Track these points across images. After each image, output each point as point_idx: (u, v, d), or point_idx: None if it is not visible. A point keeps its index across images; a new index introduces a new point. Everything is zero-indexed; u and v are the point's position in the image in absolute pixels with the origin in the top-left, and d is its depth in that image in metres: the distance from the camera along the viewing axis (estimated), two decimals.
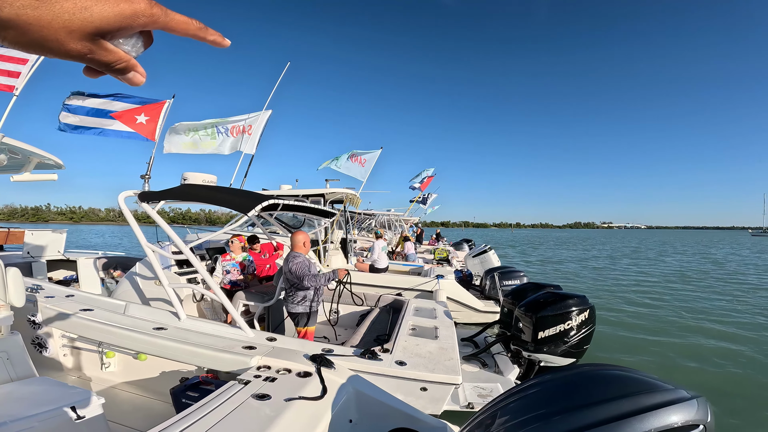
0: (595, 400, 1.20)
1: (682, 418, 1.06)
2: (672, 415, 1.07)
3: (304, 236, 4.26)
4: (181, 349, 2.84)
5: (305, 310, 4.07)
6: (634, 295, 11.77)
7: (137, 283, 4.56)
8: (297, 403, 1.97)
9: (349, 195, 9.35)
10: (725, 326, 8.23)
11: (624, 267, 20.26)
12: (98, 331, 3.17)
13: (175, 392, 2.50)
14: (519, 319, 3.94)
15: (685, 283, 14.52)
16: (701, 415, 1.08)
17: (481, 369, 4.43)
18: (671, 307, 10.16)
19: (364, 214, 22.77)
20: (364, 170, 12.25)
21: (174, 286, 3.68)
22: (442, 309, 4.87)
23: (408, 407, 2.38)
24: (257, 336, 3.24)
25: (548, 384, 1.42)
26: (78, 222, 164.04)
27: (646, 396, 1.14)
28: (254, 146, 9.43)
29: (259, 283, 6.07)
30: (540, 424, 1.25)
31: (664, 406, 1.09)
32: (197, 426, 1.65)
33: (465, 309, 7.15)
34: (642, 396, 1.14)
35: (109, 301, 3.78)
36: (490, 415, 1.49)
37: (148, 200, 3.70)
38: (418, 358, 3.10)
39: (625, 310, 9.60)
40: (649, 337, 7.38)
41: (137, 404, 3.12)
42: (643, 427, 1.06)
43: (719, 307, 10.20)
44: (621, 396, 1.16)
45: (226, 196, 3.71)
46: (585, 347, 3.75)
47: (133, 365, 3.31)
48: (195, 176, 5.54)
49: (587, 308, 3.69)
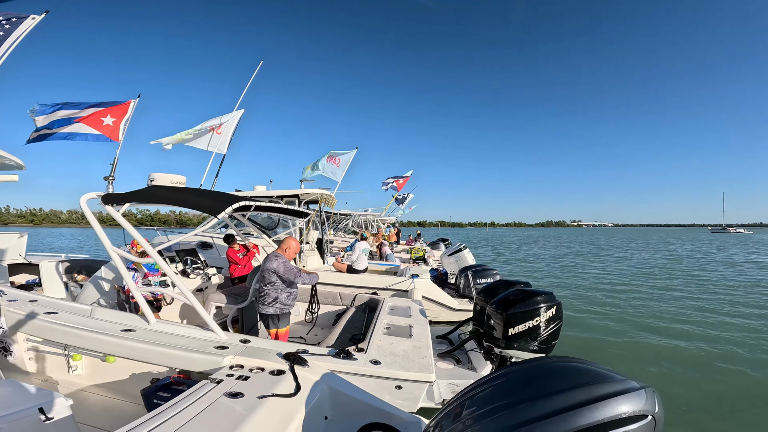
0: (552, 391, 1.25)
1: (631, 408, 1.12)
2: (622, 405, 1.12)
3: (296, 244, 4.24)
4: (151, 351, 2.78)
5: (276, 311, 4.05)
6: (598, 292, 12.29)
7: (102, 287, 4.41)
8: (270, 401, 1.97)
9: (324, 195, 9.32)
10: (682, 324, 8.71)
11: (589, 264, 21.07)
12: (64, 334, 3.09)
13: (146, 393, 2.45)
14: (491, 316, 4.02)
15: (646, 279, 15.26)
16: (649, 406, 1.14)
17: (455, 366, 4.52)
18: (633, 302, 10.67)
19: (341, 214, 22.68)
20: (339, 170, 12.24)
21: (141, 290, 3.58)
22: (417, 308, 4.94)
23: (383, 403, 2.41)
24: (230, 337, 3.20)
25: (511, 375, 1.49)
26: (39, 225, 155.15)
27: (598, 386, 1.19)
28: (225, 146, 9.27)
29: (232, 284, 5.97)
30: (504, 413, 1.31)
31: (614, 396, 1.14)
32: (168, 424, 1.63)
33: (440, 307, 7.26)
34: (594, 387, 1.20)
35: (74, 305, 3.66)
36: (459, 405, 1.56)
37: (112, 203, 3.56)
38: (392, 356, 3.14)
39: (590, 306, 10.02)
40: (612, 330, 7.74)
41: (108, 406, 3.05)
42: (595, 416, 1.11)
43: (679, 303, 10.79)
44: (575, 387, 1.22)
45: (194, 198, 3.62)
46: (553, 342, 3.85)
47: (102, 368, 3.23)
48: (162, 177, 5.37)
49: (554, 304, 3.80)
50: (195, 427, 1.63)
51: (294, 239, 4.24)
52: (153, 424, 1.63)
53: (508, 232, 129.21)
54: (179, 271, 5.45)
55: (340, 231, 22.60)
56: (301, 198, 9.00)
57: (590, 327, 8.09)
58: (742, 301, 10.75)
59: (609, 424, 1.10)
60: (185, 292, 3.38)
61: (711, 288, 13.02)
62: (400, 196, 24.45)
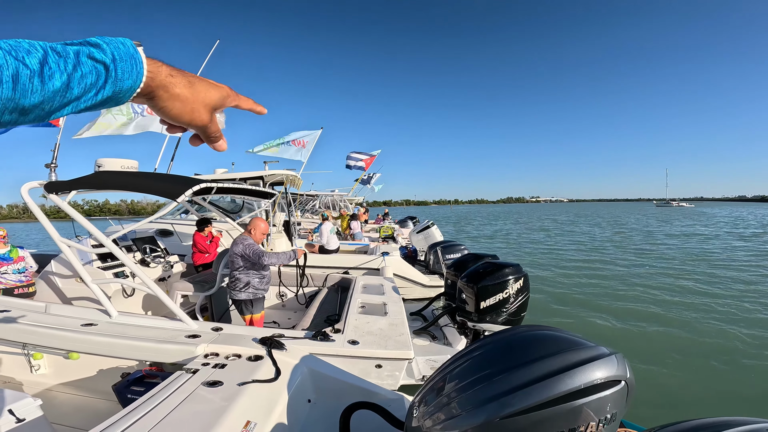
0: (530, 359, 1.28)
1: (604, 374, 1.13)
2: (596, 371, 1.13)
3: (265, 225, 4.09)
4: (117, 344, 2.64)
5: (249, 297, 3.94)
6: (560, 263, 12.98)
7: (54, 282, 4.10)
8: (251, 387, 1.92)
9: (290, 176, 9.06)
10: (633, 288, 9.40)
11: (545, 238, 22.16)
12: (19, 332, 2.88)
13: (118, 389, 2.32)
14: (462, 290, 4.10)
15: (599, 251, 16.29)
16: (621, 371, 1.16)
17: (431, 342, 4.62)
18: (589, 273, 11.38)
19: (307, 195, 22.29)
20: (305, 151, 11.94)
21: (98, 282, 3.36)
22: (389, 285, 4.98)
23: (365, 382, 2.43)
24: (201, 326, 3.08)
25: (489, 346, 1.51)
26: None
27: (573, 353, 1.21)
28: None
29: (195, 272, 5.75)
30: (486, 383, 1.33)
31: (588, 363, 1.16)
32: (146, 419, 1.55)
33: (411, 284, 7.37)
34: (569, 353, 1.21)
35: (26, 303, 3.40)
36: (441, 379, 1.58)
37: (56, 191, 3.27)
38: (369, 336, 3.16)
39: (552, 276, 10.58)
40: (573, 299, 8.24)
41: (78, 404, 2.90)
42: (573, 383, 1.12)
43: (631, 272, 11.61)
44: (551, 354, 1.23)
45: (149, 182, 3.38)
46: (522, 314, 3.98)
47: (66, 365, 3.04)
48: (111, 162, 4.96)
49: (521, 276, 3.93)
50: (176, 419, 1.57)
51: (261, 219, 4.11)
52: (131, 419, 1.55)
53: (471, 209, 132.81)
54: (138, 260, 5.16)
55: (307, 212, 22.27)
56: (266, 180, 8.71)
57: (556, 298, 8.56)
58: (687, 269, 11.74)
59: (586, 390, 1.12)
60: (147, 281, 3.20)
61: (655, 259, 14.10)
62: (366, 176, 24.30)
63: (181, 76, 0.57)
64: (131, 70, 0.51)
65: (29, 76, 0.41)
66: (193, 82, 0.59)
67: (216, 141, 0.66)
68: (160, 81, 0.55)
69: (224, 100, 0.63)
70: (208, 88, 0.60)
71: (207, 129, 0.62)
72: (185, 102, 0.57)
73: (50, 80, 0.43)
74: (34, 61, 0.41)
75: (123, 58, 0.50)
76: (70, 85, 0.45)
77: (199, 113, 0.60)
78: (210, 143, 0.66)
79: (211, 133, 0.64)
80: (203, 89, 0.60)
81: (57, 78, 0.43)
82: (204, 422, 1.55)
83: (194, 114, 0.59)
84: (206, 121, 0.61)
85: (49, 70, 0.42)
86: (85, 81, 0.47)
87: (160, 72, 0.55)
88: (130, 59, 0.51)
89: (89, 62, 0.47)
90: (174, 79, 0.56)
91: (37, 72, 0.41)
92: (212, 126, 0.63)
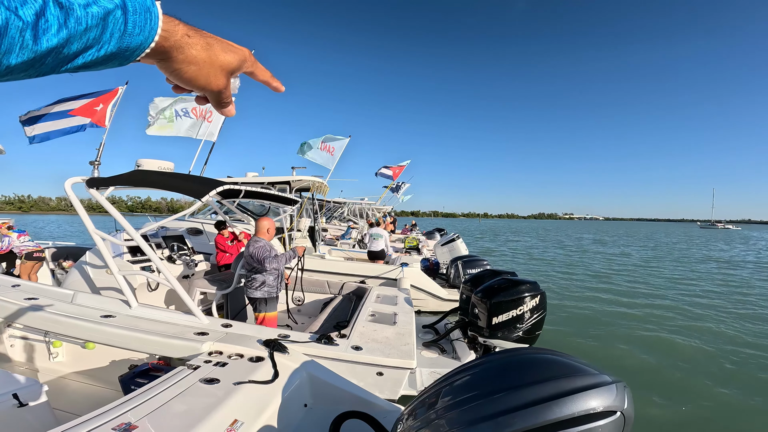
0: (524, 383, 1.24)
1: (600, 403, 1.09)
2: (591, 399, 1.10)
3: (269, 222, 4.21)
4: (129, 337, 2.77)
5: (264, 295, 4.04)
6: (589, 284, 12.43)
7: (87, 272, 4.37)
8: (246, 387, 1.97)
9: (316, 183, 9.26)
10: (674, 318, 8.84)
11: (581, 257, 21.29)
12: (43, 320, 3.06)
13: (123, 379, 2.44)
14: (475, 305, 4.03)
15: (639, 275, 15.47)
16: (619, 402, 1.11)
17: (439, 355, 4.55)
18: (621, 295, 10.82)
19: (335, 202, 22.60)
20: (332, 158, 12.16)
21: (125, 274, 3.55)
22: (402, 296, 4.95)
23: (363, 392, 2.42)
24: (212, 323, 3.19)
25: (486, 365, 1.48)
26: (27, 212, 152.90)
27: (570, 379, 1.17)
28: (215, 134, 9.15)
29: (218, 271, 5.95)
30: (475, 404, 1.30)
31: (584, 390, 1.12)
32: (140, 408, 1.62)
33: (429, 297, 7.30)
34: (566, 379, 1.17)
35: (56, 291, 3.63)
36: (434, 394, 1.55)
37: (96, 186, 3.53)
38: (374, 343, 3.15)
39: (576, 297, 10.14)
40: (597, 321, 7.85)
41: (86, 393, 3.04)
42: (563, 411, 1.09)
43: (669, 296, 10.95)
44: (547, 379, 1.20)
45: (177, 181, 3.60)
46: (537, 333, 3.87)
47: (82, 354, 3.21)
48: (150, 163, 5.30)
49: (539, 294, 3.82)
50: (167, 412, 1.63)
51: (266, 218, 4.24)
52: (125, 408, 1.63)
53: (500, 223, 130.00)
54: (165, 257, 5.41)
55: (334, 219, 22.55)
56: (293, 185, 8.94)
57: (574, 318, 8.20)
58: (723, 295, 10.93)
59: (578, 419, 1.08)
60: (168, 276, 3.36)
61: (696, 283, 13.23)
62: (395, 186, 24.39)
63: (199, 37, 0.52)
64: (144, 25, 0.44)
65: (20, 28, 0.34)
66: (212, 44, 0.53)
67: (226, 106, 0.61)
68: (175, 41, 0.49)
69: (242, 64, 0.57)
70: (226, 51, 0.54)
71: (221, 94, 0.57)
72: (201, 66, 0.52)
73: (45, 35, 0.36)
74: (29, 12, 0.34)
75: (137, 10, 0.43)
76: (69, 41, 0.38)
77: (216, 78, 0.54)
78: (219, 108, 0.61)
79: (223, 98, 0.59)
80: (221, 52, 0.54)
81: (53, 33, 0.36)
82: (193, 416, 1.60)
83: (210, 79, 0.54)
84: (222, 86, 0.56)
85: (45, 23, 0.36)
86: (88, 35, 0.40)
87: (177, 31, 0.49)
88: (145, 12, 0.44)
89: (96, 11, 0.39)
90: (191, 39, 0.50)
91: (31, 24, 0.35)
92: (227, 91, 0.58)
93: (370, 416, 1.95)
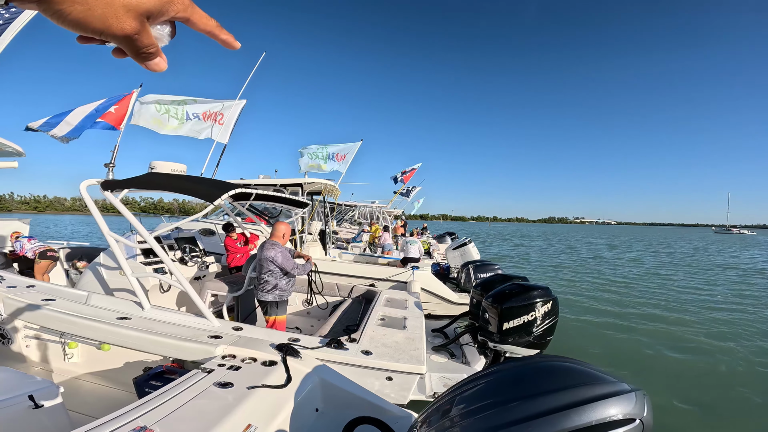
0: (541, 391, 1.22)
1: (619, 411, 1.09)
2: (610, 408, 1.09)
3: (286, 227, 4.22)
4: (144, 339, 2.79)
5: (275, 299, 4.06)
6: (601, 291, 12.24)
7: (101, 273, 4.43)
8: (260, 392, 1.97)
9: (328, 186, 9.28)
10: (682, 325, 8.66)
11: (593, 263, 20.99)
12: (59, 322, 3.09)
13: (138, 382, 2.46)
14: (486, 310, 4.00)
15: (649, 279, 15.19)
16: (638, 410, 1.10)
17: (449, 360, 4.51)
18: (634, 300, 10.63)
19: (346, 205, 22.68)
20: (344, 163, 12.27)
21: (138, 275, 3.59)
22: (413, 300, 4.93)
23: (374, 397, 2.42)
24: (223, 325, 3.21)
25: (502, 373, 1.46)
26: (42, 212, 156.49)
27: (589, 388, 1.16)
28: (227, 136, 9.26)
29: (229, 273, 5.99)
30: (491, 412, 1.29)
31: (603, 399, 1.11)
32: (155, 412, 1.64)
33: (439, 301, 7.25)
34: (584, 388, 1.17)
35: (71, 291, 3.68)
36: (449, 401, 1.54)
37: (111, 188, 3.58)
38: (384, 347, 3.14)
39: (589, 303, 9.99)
40: (615, 325, 7.72)
41: (100, 394, 3.07)
42: (582, 419, 1.08)
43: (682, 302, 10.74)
44: (565, 387, 1.19)
45: (190, 184, 3.63)
46: (549, 338, 3.81)
47: (97, 356, 3.25)
48: (163, 165, 5.38)
49: (550, 299, 3.76)
50: (181, 416, 1.64)
51: (283, 223, 4.24)
52: (140, 411, 1.64)
53: (510, 227, 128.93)
54: (177, 258, 5.47)
55: (345, 222, 22.63)
56: (305, 187, 8.98)
57: (589, 325, 8.07)
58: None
59: (597, 427, 1.08)
60: (180, 278, 3.39)
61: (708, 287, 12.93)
62: (404, 191, 24.38)
63: None
64: None
65: None
66: None
67: (148, 58, 0.48)
68: None
69: (164, 6, 0.45)
70: None
71: (133, 41, 0.45)
72: (92, 4, 0.40)
73: None
74: None
75: None
76: None
77: (117, 20, 0.42)
78: (140, 60, 0.48)
79: (141, 47, 0.46)
80: None
81: None
82: (207, 420, 1.61)
83: (109, 21, 0.41)
84: (129, 31, 0.43)
85: None
86: None
87: None
88: None
89: None
90: None
91: None
92: (142, 38, 0.45)
93: (382, 422, 1.94)
